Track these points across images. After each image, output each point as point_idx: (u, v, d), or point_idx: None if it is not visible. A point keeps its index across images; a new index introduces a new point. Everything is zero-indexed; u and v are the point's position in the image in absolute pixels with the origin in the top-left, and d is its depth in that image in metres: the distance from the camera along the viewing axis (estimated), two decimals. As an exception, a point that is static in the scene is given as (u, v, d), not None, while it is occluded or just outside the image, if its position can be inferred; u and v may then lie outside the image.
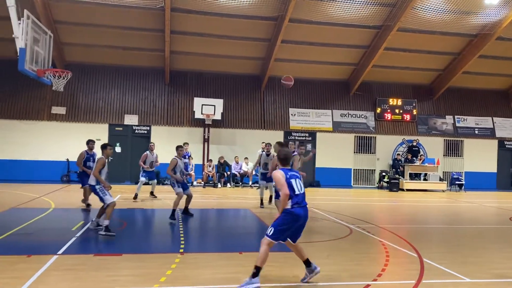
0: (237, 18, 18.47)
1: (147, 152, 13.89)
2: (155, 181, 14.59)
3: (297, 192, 5.51)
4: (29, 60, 9.99)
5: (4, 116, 19.49)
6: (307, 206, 5.64)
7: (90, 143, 11.46)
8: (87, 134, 19.87)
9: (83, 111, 20.31)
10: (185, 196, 10.45)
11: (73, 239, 7.80)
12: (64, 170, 19.48)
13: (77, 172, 11.96)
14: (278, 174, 5.53)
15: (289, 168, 5.73)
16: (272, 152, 11.70)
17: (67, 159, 19.40)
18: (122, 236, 8.43)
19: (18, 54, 9.62)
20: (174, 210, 9.99)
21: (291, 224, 5.46)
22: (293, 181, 5.54)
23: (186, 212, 10.70)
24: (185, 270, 6.04)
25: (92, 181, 8.47)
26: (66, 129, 19.91)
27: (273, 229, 5.42)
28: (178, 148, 10.65)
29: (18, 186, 16.65)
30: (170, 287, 5.28)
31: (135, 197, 13.40)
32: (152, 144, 14.41)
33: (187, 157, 17.61)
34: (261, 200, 13.11)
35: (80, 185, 11.68)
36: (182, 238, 8.19)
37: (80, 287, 5.23)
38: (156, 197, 14.18)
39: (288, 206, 5.45)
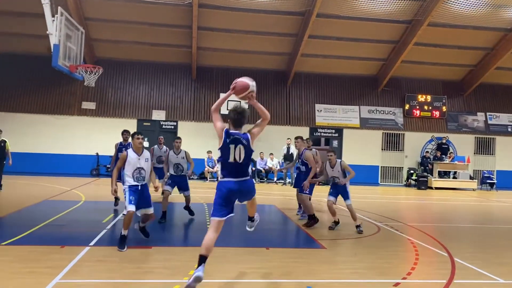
0: (263, 14, 18.43)
1: (155, 146, 11.89)
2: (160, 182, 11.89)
3: (230, 160, 4.69)
4: (62, 56, 10.25)
5: (37, 111, 20.08)
6: (247, 179, 4.80)
7: (125, 133, 10.90)
8: (116, 129, 20.20)
9: (112, 106, 20.72)
10: (181, 195, 9.52)
11: (104, 231, 7.97)
12: (94, 164, 19.93)
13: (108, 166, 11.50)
14: (220, 128, 4.81)
15: (238, 132, 4.80)
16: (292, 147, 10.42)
17: (97, 153, 19.85)
18: (151, 229, 8.54)
19: (52, 50, 9.87)
20: (164, 212, 9.04)
21: (227, 198, 4.75)
22: (232, 146, 4.71)
23: (163, 216, 9.23)
24: (213, 264, 6.08)
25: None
26: (96, 123, 20.35)
27: (213, 208, 4.85)
28: (175, 140, 9.59)
29: (49, 179, 17.13)
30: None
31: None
32: (161, 137, 12.35)
33: None
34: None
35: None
36: (209, 232, 8.25)
37: (112, 278, 5.34)
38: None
39: (219, 176, 4.82)
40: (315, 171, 9.14)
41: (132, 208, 6.71)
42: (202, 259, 4.65)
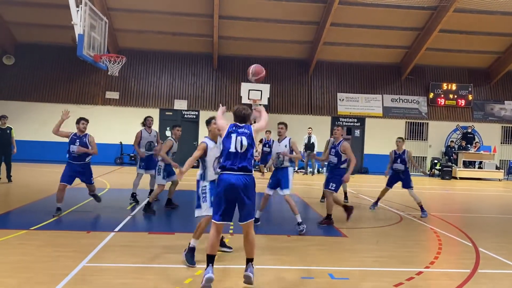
0: (285, 1, 18.28)
1: (142, 129, 9.94)
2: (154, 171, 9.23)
3: (232, 150, 4.61)
4: (86, 45, 10.42)
5: (62, 101, 20.44)
6: (248, 175, 4.61)
7: (82, 121, 8.92)
8: (140, 118, 20.37)
9: (135, 96, 20.98)
10: (169, 184, 9.07)
11: (128, 217, 8.16)
12: (118, 153, 20.28)
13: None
14: (225, 123, 4.84)
15: (241, 125, 4.82)
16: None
17: (121, 142, 20.19)
18: (174, 216, 8.73)
19: (77, 40, 10.05)
20: (149, 203, 8.51)
21: (223, 195, 4.55)
22: (233, 136, 4.70)
23: (169, 203, 9.26)
24: (235, 250, 6.15)
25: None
26: (120, 113, 20.66)
27: (212, 207, 4.79)
28: (174, 127, 8.95)
29: (75, 167, 17.48)
30: (221, 266, 5.41)
31: (133, 196, 9.71)
32: (151, 118, 10.00)
33: (267, 146, 16.23)
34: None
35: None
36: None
37: (137, 263, 5.47)
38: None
39: (218, 169, 4.66)
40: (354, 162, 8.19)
41: (210, 212, 5.28)
42: (210, 259, 4.62)
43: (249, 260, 4.82)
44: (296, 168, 19.98)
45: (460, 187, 16.76)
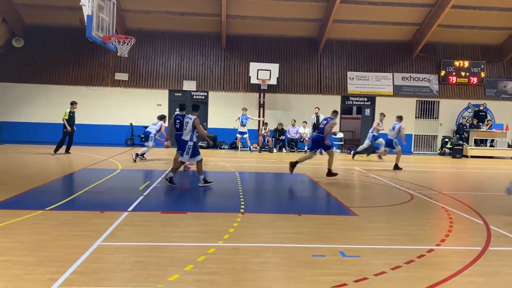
0: (294, -21, 17.98)
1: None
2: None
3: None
4: (95, 26, 10.41)
5: (72, 82, 20.56)
6: None
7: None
8: (149, 99, 20.67)
9: (144, 77, 20.96)
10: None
11: (141, 197, 8.25)
12: (128, 134, 20.41)
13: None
14: None
15: None
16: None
17: (131, 123, 20.29)
18: (186, 196, 8.82)
19: (86, 21, 10.03)
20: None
21: None
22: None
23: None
24: (247, 229, 6.24)
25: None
26: (129, 94, 20.71)
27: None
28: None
29: (86, 148, 17.70)
30: (233, 244, 5.49)
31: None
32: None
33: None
34: None
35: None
36: (242, 199, 8.41)
37: (151, 241, 5.57)
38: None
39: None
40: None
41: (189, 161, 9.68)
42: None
43: None
44: (306, 148, 20.01)
45: (471, 166, 16.66)
